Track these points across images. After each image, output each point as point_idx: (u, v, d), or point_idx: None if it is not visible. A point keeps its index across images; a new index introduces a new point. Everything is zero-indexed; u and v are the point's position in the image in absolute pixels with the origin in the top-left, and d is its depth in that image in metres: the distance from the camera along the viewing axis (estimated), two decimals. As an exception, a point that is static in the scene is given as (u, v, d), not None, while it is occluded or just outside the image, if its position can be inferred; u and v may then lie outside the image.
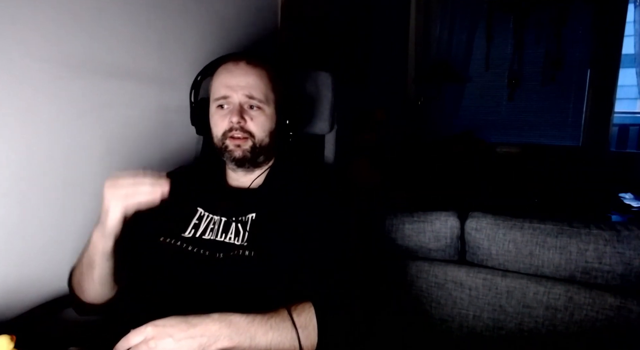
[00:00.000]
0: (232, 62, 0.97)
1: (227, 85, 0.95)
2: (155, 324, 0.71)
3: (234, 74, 0.95)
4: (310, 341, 0.77)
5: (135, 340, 0.71)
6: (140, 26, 1.19)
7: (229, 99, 0.95)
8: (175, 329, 0.70)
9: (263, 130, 0.97)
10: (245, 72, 0.95)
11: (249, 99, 0.95)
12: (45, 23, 0.96)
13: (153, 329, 0.70)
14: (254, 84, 0.95)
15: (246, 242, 0.91)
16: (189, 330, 0.71)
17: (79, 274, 0.90)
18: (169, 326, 0.71)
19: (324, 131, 1.22)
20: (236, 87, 0.94)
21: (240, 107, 0.95)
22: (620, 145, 3.76)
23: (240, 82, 0.94)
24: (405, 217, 1.24)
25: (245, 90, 0.94)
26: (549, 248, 1.09)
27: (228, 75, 0.96)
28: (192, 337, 0.70)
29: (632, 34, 3.28)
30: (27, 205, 0.98)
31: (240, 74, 0.95)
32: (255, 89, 0.95)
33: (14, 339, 0.66)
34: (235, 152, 0.96)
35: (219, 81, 0.97)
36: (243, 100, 0.95)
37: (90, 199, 1.11)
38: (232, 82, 0.95)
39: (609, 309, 1.04)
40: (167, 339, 0.69)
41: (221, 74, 0.97)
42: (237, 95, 0.94)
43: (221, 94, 0.96)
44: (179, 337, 0.70)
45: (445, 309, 1.19)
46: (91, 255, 0.86)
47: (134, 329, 0.72)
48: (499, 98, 3.71)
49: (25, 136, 0.96)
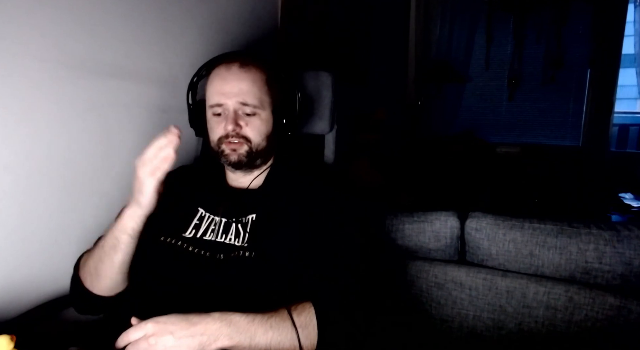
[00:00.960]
0: (224, 67, 0.96)
1: (221, 93, 0.94)
2: (156, 321, 0.71)
3: (227, 80, 0.94)
4: (310, 341, 0.77)
5: (135, 335, 0.71)
6: (140, 26, 1.19)
7: (224, 106, 0.95)
8: (176, 327, 0.71)
9: (259, 135, 0.96)
10: (238, 77, 0.94)
11: (243, 106, 0.94)
12: (45, 23, 0.96)
13: (154, 326, 0.70)
14: (247, 89, 0.94)
15: (246, 243, 0.91)
16: (190, 328, 0.71)
17: (97, 260, 0.90)
18: (169, 323, 0.71)
19: (324, 131, 1.22)
20: (229, 94, 0.93)
21: (235, 114, 0.94)
22: (620, 145, 3.76)
23: (233, 88, 0.93)
24: (405, 217, 1.24)
25: (238, 97, 0.93)
26: (549, 248, 1.09)
27: (221, 82, 0.95)
28: (192, 335, 0.70)
29: (632, 34, 3.28)
30: (27, 205, 0.98)
31: (232, 80, 0.94)
32: (249, 94, 0.94)
33: (14, 339, 0.66)
34: (231, 156, 0.96)
35: (213, 88, 0.96)
36: (237, 107, 0.94)
37: (90, 198, 1.11)
38: (225, 89, 0.94)
39: (609, 309, 1.04)
40: (167, 336, 0.69)
41: (214, 80, 0.97)
42: (231, 102, 0.94)
43: (215, 102, 0.95)
44: (180, 334, 0.70)
45: (445, 309, 1.19)
46: (118, 236, 0.86)
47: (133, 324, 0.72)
48: (499, 98, 3.71)
49: (25, 136, 0.96)
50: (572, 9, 3.34)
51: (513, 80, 3.59)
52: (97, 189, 1.12)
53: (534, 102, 3.60)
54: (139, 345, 0.70)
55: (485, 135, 3.58)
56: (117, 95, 1.15)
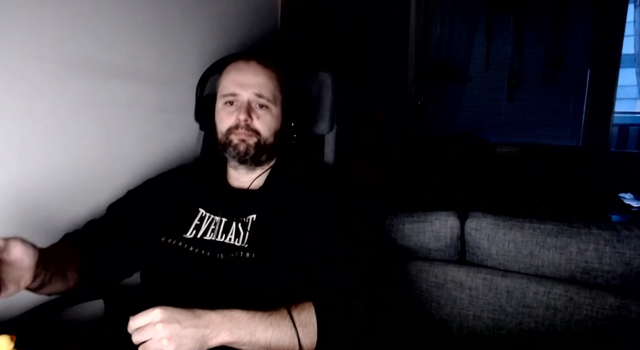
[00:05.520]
0: (243, 61, 0.99)
1: (237, 83, 0.96)
2: (164, 308, 0.71)
3: (245, 72, 0.96)
4: (310, 340, 0.77)
5: (142, 321, 0.71)
6: (140, 26, 1.19)
7: (238, 97, 0.96)
8: (182, 316, 0.71)
9: (269, 129, 0.97)
10: (256, 71, 0.97)
11: (258, 98, 0.96)
12: (45, 23, 0.96)
13: (162, 313, 0.70)
14: (263, 83, 0.96)
15: (246, 243, 0.91)
16: (195, 319, 0.72)
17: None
18: (176, 312, 0.71)
19: (324, 131, 1.22)
20: (246, 85, 0.95)
21: (249, 105, 0.95)
22: (620, 145, 3.76)
23: (251, 80, 0.96)
24: (405, 217, 1.24)
25: (255, 89, 0.95)
26: (549, 248, 1.09)
27: (239, 73, 0.97)
28: (196, 326, 0.71)
29: (632, 34, 3.28)
30: (25, 206, 0.98)
31: (250, 73, 0.96)
32: (265, 88, 0.96)
33: (14, 339, 0.66)
34: (240, 145, 0.96)
35: (229, 78, 0.97)
36: (252, 98, 0.96)
37: (89, 198, 1.11)
38: (243, 80, 0.96)
39: (609, 309, 1.04)
40: (174, 324, 0.70)
41: (231, 71, 0.98)
42: (246, 93, 0.95)
43: (230, 91, 0.96)
44: (186, 324, 0.70)
45: (445, 309, 1.19)
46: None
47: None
48: (499, 98, 3.71)
49: (25, 136, 0.96)
50: (572, 9, 3.34)
51: (513, 80, 3.59)
52: (96, 189, 1.12)
53: (534, 102, 3.60)
54: (146, 331, 0.70)
55: (485, 135, 3.57)
56: (117, 95, 1.15)
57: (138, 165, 1.23)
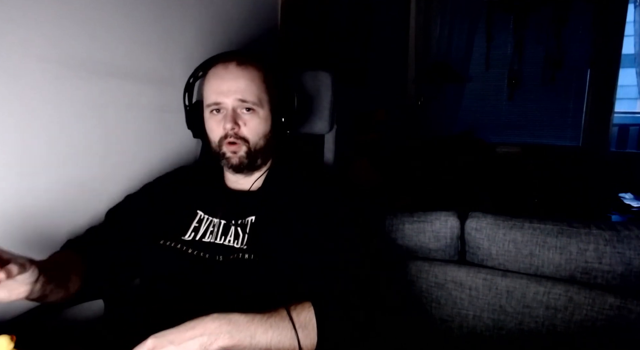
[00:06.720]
0: (221, 66, 0.96)
1: (219, 92, 0.94)
2: (155, 336, 0.71)
3: (225, 78, 0.94)
4: (310, 340, 0.77)
5: None
6: (140, 26, 1.19)
7: (222, 105, 0.94)
8: (174, 335, 0.70)
9: (257, 134, 0.96)
10: (236, 75, 0.94)
11: (242, 103, 0.94)
12: (45, 23, 0.96)
13: (153, 341, 0.70)
14: (245, 87, 0.94)
15: (245, 245, 0.91)
16: (188, 332, 0.71)
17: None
18: (168, 334, 0.70)
19: (324, 131, 1.22)
20: (227, 92, 0.93)
21: (234, 112, 0.94)
22: (620, 145, 3.76)
23: (232, 86, 0.93)
24: (405, 217, 1.24)
25: (237, 95, 0.93)
26: (549, 248, 1.09)
27: (219, 81, 0.95)
28: (192, 338, 0.70)
29: (632, 34, 3.28)
30: (25, 206, 0.97)
31: (230, 78, 0.94)
32: (247, 92, 0.94)
33: (14, 339, 0.66)
34: (232, 159, 0.96)
35: (210, 87, 0.96)
36: (236, 104, 0.94)
37: (89, 199, 1.11)
38: (223, 88, 0.94)
39: (609, 309, 1.04)
40: (168, 346, 0.69)
41: (211, 78, 0.96)
42: (229, 100, 0.94)
43: (213, 100, 0.95)
44: (179, 340, 0.70)
45: (445, 309, 1.19)
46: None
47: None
48: (499, 98, 3.71)
49: (24, 136, 0.96)
50: (572, 9, 3.35)
51: (513, 80, 3.59)
52: (96, 189, 1.12)
53: (534, 102, 3.60)
54: None
55: (485, 135, 3.58)
56: (117, 95, 1.15)
57: (138, 166, 1.23)
